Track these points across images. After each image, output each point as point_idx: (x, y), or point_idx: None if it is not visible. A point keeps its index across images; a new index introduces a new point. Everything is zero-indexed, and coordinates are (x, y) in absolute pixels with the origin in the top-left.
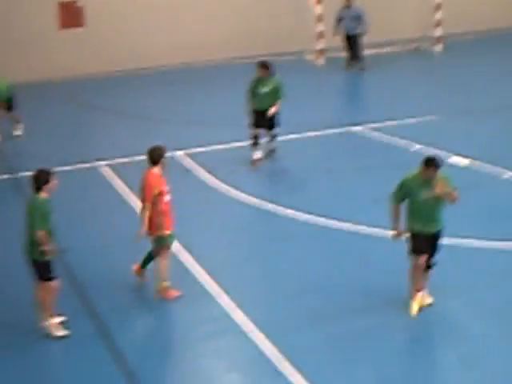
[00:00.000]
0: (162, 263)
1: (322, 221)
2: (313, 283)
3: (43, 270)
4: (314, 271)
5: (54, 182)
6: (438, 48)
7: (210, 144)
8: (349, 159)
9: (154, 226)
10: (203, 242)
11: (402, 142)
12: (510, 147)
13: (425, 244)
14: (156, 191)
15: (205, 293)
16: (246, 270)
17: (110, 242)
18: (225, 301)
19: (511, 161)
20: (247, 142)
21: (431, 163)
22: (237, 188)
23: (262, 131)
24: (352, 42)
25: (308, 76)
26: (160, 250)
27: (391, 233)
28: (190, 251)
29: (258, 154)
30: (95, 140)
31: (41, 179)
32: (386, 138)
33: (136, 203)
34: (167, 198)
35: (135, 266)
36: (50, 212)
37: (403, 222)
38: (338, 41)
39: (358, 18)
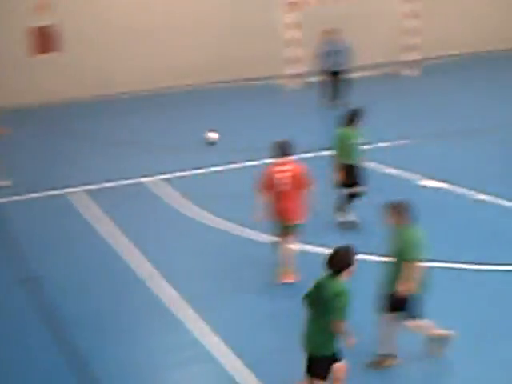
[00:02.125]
0: (294, 249)
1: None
2: (286, 308)
3: (321, 368)
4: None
5: (355, 266)
6: (415, 72)
7: (187, 169)
8: (325, 183)
9: (301, 212)
10: (177, 268)
11: (379, 166)
12: (484, 170)
13: None
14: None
15: (179, 319)
16: (221, 296)
17: (80, 270)
18: (200, 326)
19: (485, 184)
20: (224, 167)
21: None
22: (214, 213)
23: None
24: (337, 79)
25: (281, 101)
26: (295, 235)
27: None
28: (164, 277)
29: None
30: (71, 165)
31: (345, 260)
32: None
33: (110, 231)
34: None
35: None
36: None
37: None
38: (310, 65)
39: (345, 53)
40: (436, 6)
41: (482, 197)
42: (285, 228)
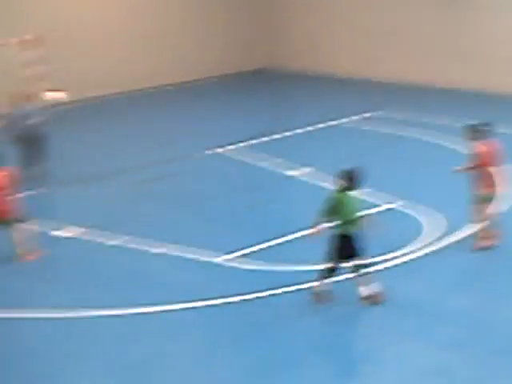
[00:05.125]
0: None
1: None
2: None
3: None
4: None
5: None
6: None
7: None
8: None
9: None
10: None
11: None
12: (120, 214)
13: None
14: None
15: None
16: None
17: None
18: None
19: (118, 228)
20: None
21: None
22: None
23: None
24: (32, 143)
25: None
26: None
27: None
28: None
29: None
30: None
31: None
32: None
33: None
34: None
35: None
36: None
37: None
38: None
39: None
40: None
41: (115, 242)
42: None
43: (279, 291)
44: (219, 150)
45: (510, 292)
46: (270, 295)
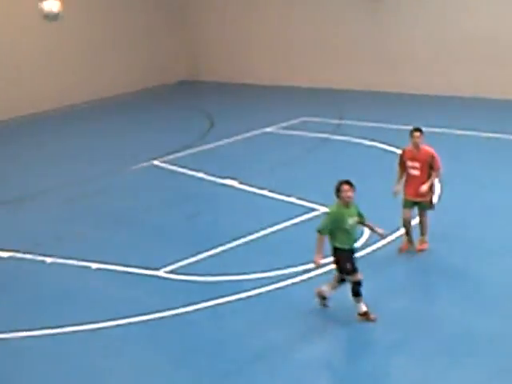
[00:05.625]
0: None
1: None
2: None
3: None
4: None
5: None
6: None
7: None
8: None
9: None
10: None
11: None
12: (55, 233)
13: None
14: None
15: None
16: None
17: None
18: None
19: (51, 247)
20: None
21: None
22: None
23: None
24: None
25: None
26: None
27: None
28: None
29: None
30: None
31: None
32: None
33: None
34: None
35: None
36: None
37: None
38: None
39: None
40: None
41: (51, 261)
42: None
43: (221, 301)
44: (149, 164)
45: (444, 294)
46: (211, 306)
